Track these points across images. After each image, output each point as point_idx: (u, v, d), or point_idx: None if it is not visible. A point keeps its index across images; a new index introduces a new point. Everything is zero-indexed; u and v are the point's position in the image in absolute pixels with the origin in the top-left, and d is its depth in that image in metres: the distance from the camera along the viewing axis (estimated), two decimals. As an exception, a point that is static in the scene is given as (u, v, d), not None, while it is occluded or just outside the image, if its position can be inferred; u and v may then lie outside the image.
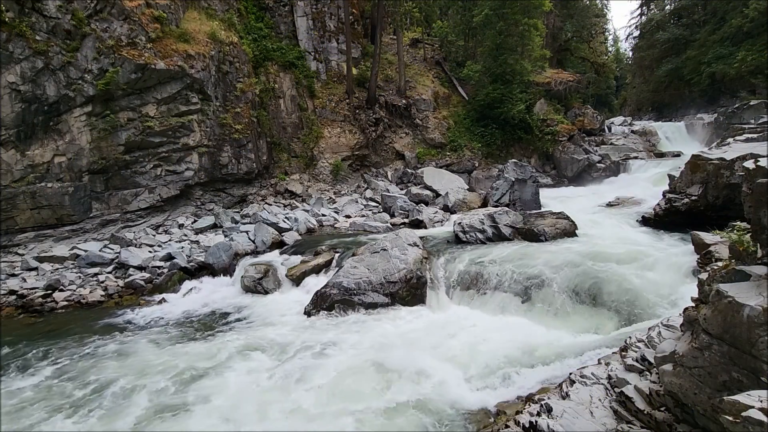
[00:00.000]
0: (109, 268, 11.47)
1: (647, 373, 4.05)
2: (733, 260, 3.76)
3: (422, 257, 9.83)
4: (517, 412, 4.59)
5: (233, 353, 7.26)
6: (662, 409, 3.59)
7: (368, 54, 22.84)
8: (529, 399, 5.05)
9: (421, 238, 10.93)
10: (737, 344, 2.98)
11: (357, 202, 17.54)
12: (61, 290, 10.42)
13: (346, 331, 7.83)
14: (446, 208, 15.76)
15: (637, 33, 41.77)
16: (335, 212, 16.22)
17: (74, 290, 10.46)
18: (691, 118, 26.52)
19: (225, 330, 8.44)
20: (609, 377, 4.37)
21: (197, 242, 13.13)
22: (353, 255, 10.15)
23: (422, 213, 14.52)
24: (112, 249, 12.17)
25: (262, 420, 5.45)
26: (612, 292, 7.40)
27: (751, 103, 21.08)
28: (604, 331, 6.78)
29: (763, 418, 2.37)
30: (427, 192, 17.39)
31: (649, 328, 4.70)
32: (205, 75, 14.48)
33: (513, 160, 17.01)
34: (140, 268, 11.45)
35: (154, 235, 13.37)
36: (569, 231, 10.75)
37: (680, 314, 4.25)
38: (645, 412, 3.68)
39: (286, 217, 14.49)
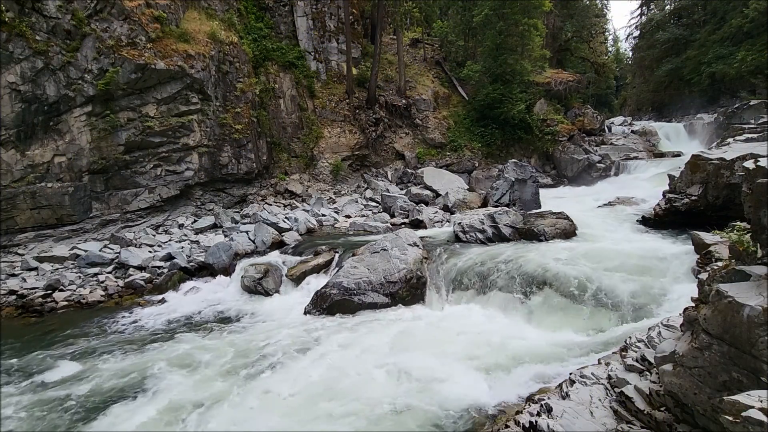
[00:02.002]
0: (109, 268, 11.48)
1: (647, 373, 4.05)
2: (733, 260, 3.75)
3: (422, 257, 9.83)
4: (517, 412, 4.59)
5: (232, 353, 7.26)
6: (662, 409, 3.59)
7: (368, 54, 22.83)
8: (529, 399, 5.05)
9: (421, 238, 10.94)
10: (737, 344, 2.98)
11: (357, 202, 17.53)
12: (61, 290, 10.42)
13: (345, 331, 7.84)
14: (446, 208, 15.74)
15: (637, 33, 41.77)
16: (335, 212, 16.21)
17: (74, 290, 10.46)
18: (691, 118, 26.52)
19: (224, 330, 8.44)
20: (609, 377, 4.37)
21: (197, 242, 13.13)
22: (353, 255, 10.14)
23: (422, 213, 14.51)
24: (112, 249, 12.17)
25: (252, 418, 5.46)
26: (611, 291, 7.39)
27: (751, 103, 21.06)
28: (604, 330, 6.78)
29: (763, 418, 2.36)
30: (427, 192, 17.38)
31: (649, 328, 4.70)
32: (205, 75, 14.48)
33: (513, 160, 16.99)
34: (140, 268, 11.46)
35: (154, 235, 13.37)
36: (569, 231, 10.74)
37: (680, 314, 4.25)
38: (645, 412, 3.68)
39: (286, 217, 14.49)
